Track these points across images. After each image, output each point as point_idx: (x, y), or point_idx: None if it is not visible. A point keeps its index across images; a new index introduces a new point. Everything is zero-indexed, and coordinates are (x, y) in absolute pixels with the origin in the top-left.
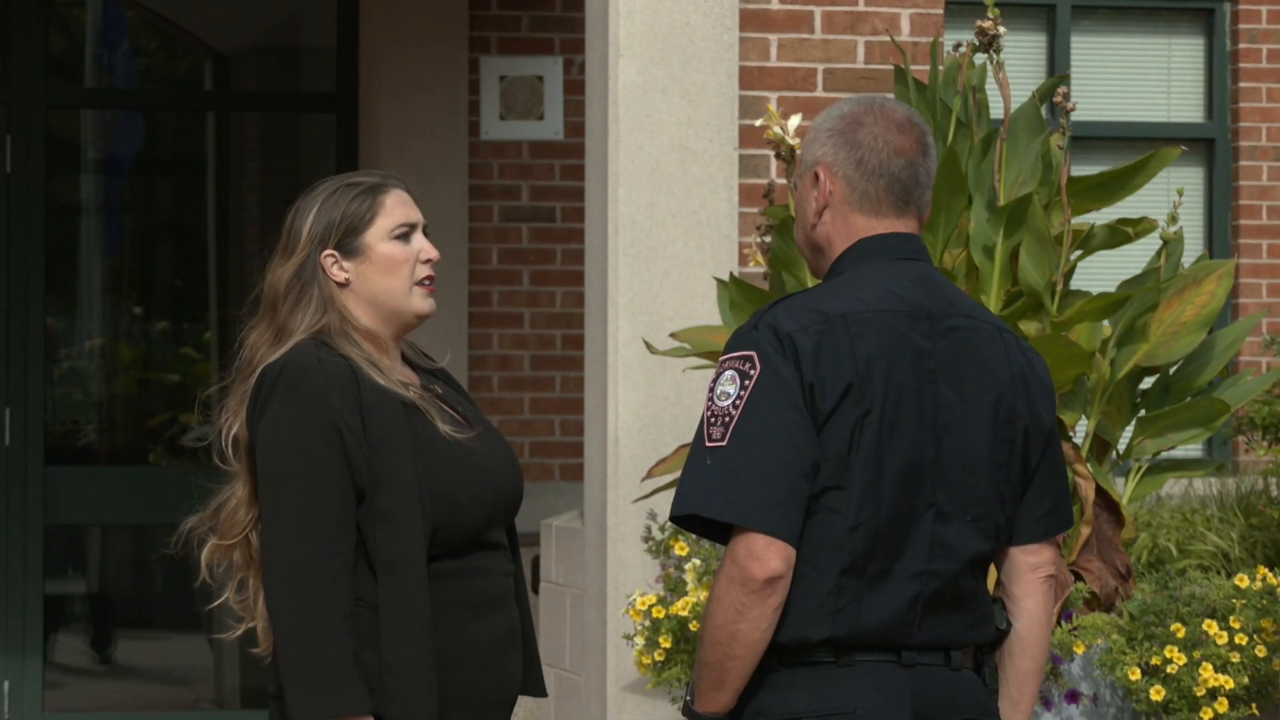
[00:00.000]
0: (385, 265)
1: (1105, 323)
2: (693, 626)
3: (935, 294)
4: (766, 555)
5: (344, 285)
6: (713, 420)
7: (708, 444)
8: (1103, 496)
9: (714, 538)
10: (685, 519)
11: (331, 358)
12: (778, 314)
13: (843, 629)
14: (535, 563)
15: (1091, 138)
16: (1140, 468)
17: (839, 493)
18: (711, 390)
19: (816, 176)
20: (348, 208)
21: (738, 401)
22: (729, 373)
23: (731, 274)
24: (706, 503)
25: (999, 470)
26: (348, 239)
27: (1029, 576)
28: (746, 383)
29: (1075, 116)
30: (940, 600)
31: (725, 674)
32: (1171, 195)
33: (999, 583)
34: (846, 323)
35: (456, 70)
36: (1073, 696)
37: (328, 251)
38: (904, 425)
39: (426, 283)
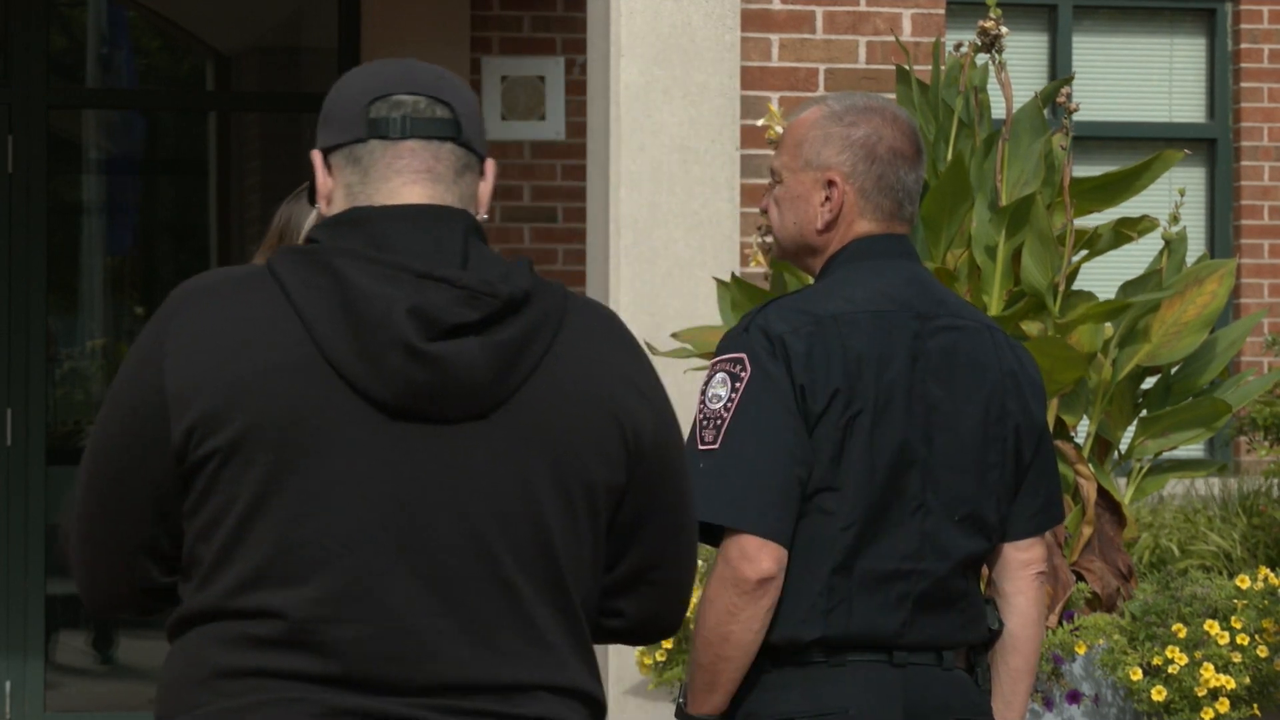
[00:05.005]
0: None
1: (1107, 323)
2: (693, 627)
3: (925, 294)
4: (759, 556)
5: None
6: (705, 423)
7: (700, 447)
8: (1104, 497)
9: (707, 541)
10: None
11: None
12: (768, 316)
13: (834, 629)
14: None
15: (1093, 138)
16: (1142, 468)
17: (831, 494)
18: (703, 393)
19: (830, 183)
20: None
21: (729, 404)
22: (720, 375)
23: (733, 274)
24: (699, 507)
25: (991, 470)
26: None
27: (1021, 573)
28: (738, 385)
29: (1076, 117)
30: (931, 600)
31: (718, 675)
32: (1173, 195)
33: (990, 581)
34: (837, 324)
35: (458, 70)
36: (1074, 697)
37: None
38: (894, 425)
39: None
